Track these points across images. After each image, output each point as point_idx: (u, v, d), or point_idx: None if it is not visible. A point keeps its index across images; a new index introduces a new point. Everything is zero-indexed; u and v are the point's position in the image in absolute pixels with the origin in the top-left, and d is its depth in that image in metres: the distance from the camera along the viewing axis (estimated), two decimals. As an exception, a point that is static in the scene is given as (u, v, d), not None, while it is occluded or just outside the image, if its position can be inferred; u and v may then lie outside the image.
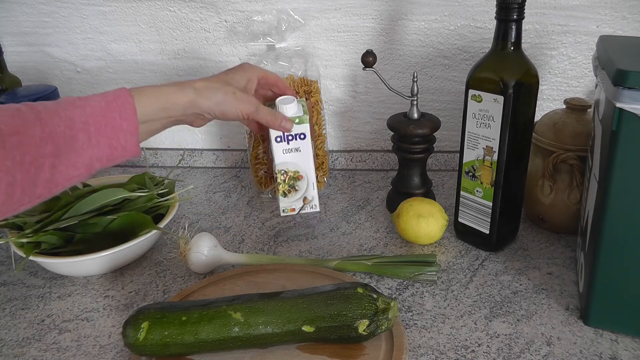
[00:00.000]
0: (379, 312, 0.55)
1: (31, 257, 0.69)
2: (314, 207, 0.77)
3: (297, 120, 0.72)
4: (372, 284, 0.69)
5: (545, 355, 0.57)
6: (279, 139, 0.72)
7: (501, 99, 0.66)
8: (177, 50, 1.01)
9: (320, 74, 0.93)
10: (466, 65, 0.95)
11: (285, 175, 0.75)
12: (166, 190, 0.81)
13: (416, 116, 0.81)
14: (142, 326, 0.55)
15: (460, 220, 0.77)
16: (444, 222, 0.76)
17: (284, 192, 0.76)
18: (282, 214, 0.77)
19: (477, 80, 0.68)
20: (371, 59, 0.79)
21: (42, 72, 1.06)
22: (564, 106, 0.78)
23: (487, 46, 0.69)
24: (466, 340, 0.60)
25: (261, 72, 0.71)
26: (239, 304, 0.56)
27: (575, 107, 0.76)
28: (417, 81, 0.80)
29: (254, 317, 0.55)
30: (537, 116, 0.73)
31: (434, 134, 0.82)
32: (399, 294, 0.68)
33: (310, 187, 0.76)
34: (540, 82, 0.69)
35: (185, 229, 0.80)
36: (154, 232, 0.74)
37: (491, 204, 0.72)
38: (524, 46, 0.68)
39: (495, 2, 0.66)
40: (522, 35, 0.67)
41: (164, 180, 0.84)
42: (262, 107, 0.67)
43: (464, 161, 0.73)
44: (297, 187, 0.76)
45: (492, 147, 0.69)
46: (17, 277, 0.75)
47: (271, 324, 0.55)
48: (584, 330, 0.61)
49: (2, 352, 0.61)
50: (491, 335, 0.60)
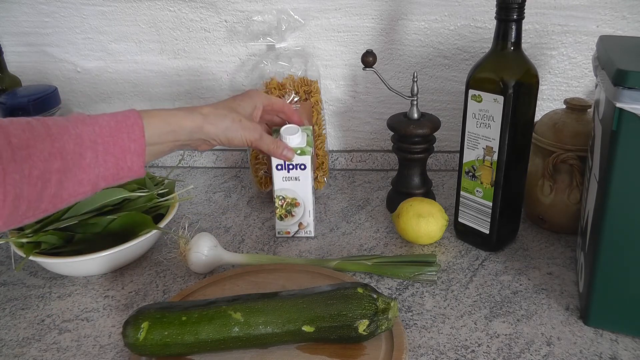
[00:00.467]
0: (379, 312, 0.55)
1: (31, 257, 0.69)
2: (308, 232, 0.81)
3: (298, 151, 0.75)
4: (372, 284, 0.70)
5: (545, 355, 0.57)
6: (279, 167, 0.76)
7: (501, 99, 0.66)
8: (177, 50, 1.01)
9: (320, 74, 0.93)
10: (466, 65, 0.95)
11: (283, 200, 0.78)
12: (166, 190, 0.81)
13: (416, 116, 0.81)
14: (142, 326, 0.55)
15: (460, 220, 0.77)
16: (444, 222, 0.76)
17: (280, 216, 0.80)
18: (277, 235, 0.81)
19: (477, 80, 0.68)
20: (371, 59, 0.79)
21: (42, 72, 1.06)
22: (564, 106, 0.78)
23: (487, 46, 0.69)
24: (466, 340, 0.60)
25: (266, 100, 0.73)
26: (239, 304, 0.56)
27: (575, 107, 0.76)
28: (417, 81, 0.80)
29: (254, 317, 0.55)
30: (537, 116, 0.73)
31: (434, 134, 0.82)
32: (399, 294, 0.68)
33: (306, 214, 0.79)
34: (540, 82, 0.69)
35: (185, 229, 0.80)
36: (154, 232, 0.74)
37: (491, 204, 0.72)
38: (524, 46, 0.68)
39: (495, 2, 0.66)
40: (522, 35, 0.67)
41: (164, 180, 0.84)
42: (265, 136, 0.69)
43: (464, 161, 0.73)
44: (293, 213, 0.79)
45: (492, 147, 0.69)
46: (17, 277, 0.75)
47: (271, 324, 0.55)
48: (584, 330, 0.61)
49: (2, 352, 0.61)
50: (491, 335, 0.60)
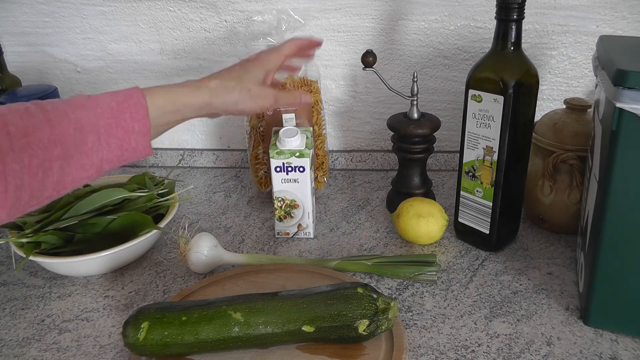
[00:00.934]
0: (379, 312, 0.55)
1: (31, 257, 0.69)
2: (307, 233, 0.81)
3: (297, 153, 0.75)
4: (372, 284, 0.69)
5: (545, 355, 0.57)
6: (278, 169, 0.76)
7: (501, 99, 0.66)
8: (177, 50, 1.01)
9: (320, 74, 0.93)
10: (466, 65, 0.95)
11: (282, 202, 0.78)
12: (166, 190, 0.81)
13: (416, 116, 0.81)
14: (142, 326, 0.55)
15: (460, 220, 0.77)
16: (444, 222, 0.76)
17: (279, 217, 0.80)
18: (277, 235, 0.81)
19: (477, 80, 0.68)
20: (371, 59, 0.79)
21: (42, 72, 1.06)
22: (564, 106, 0.78)
23: (487, 46, 0.69)
24: (466, 340, 0.60)
25: (278, 61, 0.67)
26: (239, 304, 0.56)
27: (575, 107, 0.76)
28: (417, 81, 0.80)
29: (254, 317, 0.55)
30: (537, 116, 0.73)
31: (434, 134, 0.82)
32: (399, 294, 0.68)
33: (305, 215, 0.79)
34: (540, 82, 0.69)
35: (185, 229, 0.80)
36: (154, 232, 0.74)
37: (491, 204, 0.72)
38: (524, 46, 0.68)
39: (495, 2, 0.66)
40: (522, 35, 0.67)
41: (164, 180, 0.84)
42: (279, 97, 0.65)
43: (464, 161, 0.73)
44: (292, 215, 0.79)
45: (492, 147, 0.69)
46: (17, 277, 0.75)
47: (271, 324, 0.55)
48: (584, 330, 0.61)
49: (2, 352, 0.61)
50: (491, 335, 0.60)
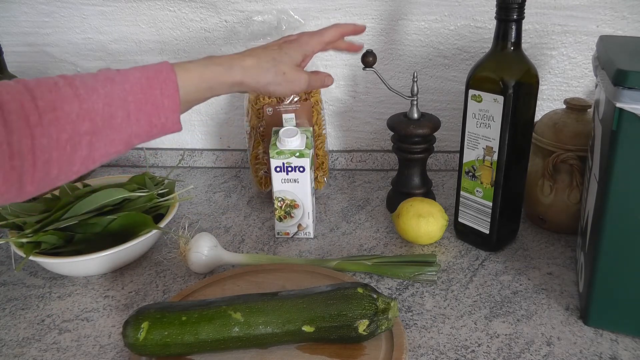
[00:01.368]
0: (379, 312, 0.55)
1: (31, 257, 0.69)
2: (307, 233, 0.81)
3: (297, 153, 0.75)
4: (372, 284, 0.70)
5: (545, 355, 0.57)
6: (278, 169, 0.76)
7: (501, 99, 0.66)
8: (177, 50, 1.01)
9: (320, 74, 0.93)
10: (466, 65, 0.95)
11: (282, 202, 0.78)
12: (166, 190, 0.81)
13: (416, 116, 0.81)
14: (142, 326, 0.55)
15: (460, 220, 0.77)
16: (444, 222, 0.76)
17: (279, 217, 0.80)
18: (277, 235, 0.81)
19: (477, 80, 0.68)
20: (371, 59, 0.79)
21: (42, 72, 1.06)
22: (564, 106, 0.78)
23: (487, 46, 0.69)
24: (466, 340, 0.60)
25: (319, 46, 0.65)
26: (239, 304, 0.56)
27: (575, 107, 0.76)
28: (417, 81, 0.80)
29: (254, 317, 0.55)
30: (537, 116, 0.73)
31: (434, 134, 0.82)
32: (399, 294, 0.68)
33: (305, 215, 0.79)
34: (540, 82, 0.69)
35: (185, 229, 0.80)
36: (154, 232, 0.74)
37: (491, 204, 0.72)
38: (524, 46, 0.68)
39: (495, 2, 0.66)
40: (522, 35, 0.67)
41: (164, 180, 0.84)
42: (311, 81, 0.64)
43: (464, 161, 0.73)
44: (292, 214, 0.79)
45: (492, 147, 0.69)
46: (17, 277, 0.75)
47: (271, 324, 0.55)
48: (584, 330, 0.61)
49: (2, 352, 0.61)
50: (491, 335, 0.60)
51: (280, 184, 0.77)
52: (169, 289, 0.71)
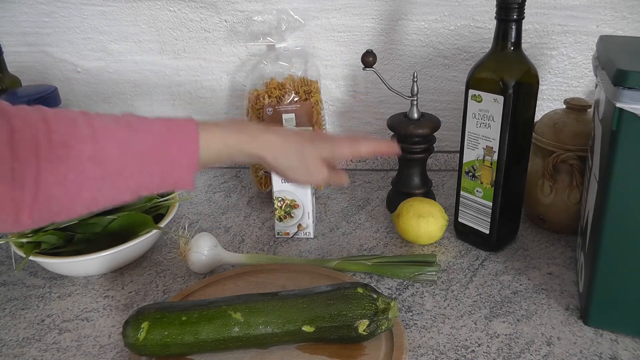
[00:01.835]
0: (379, 312, 0.55)
1: (31, 257, 0.69)
2: (307, 234, 0.81)
3: None
4: (372, 284, 0.69)
5: (545, 355, 0.57)
6: None
7: (501, 99, 0.66)
8: (177, 50, 1.01)
9: (320, 74, 0.93)
10: (466, 65, 0.95)
11: (282, 202, 0.78)
12: (166, 190, 0.81)
13: (416, 116, 0.81)
14: (142, 326, 0.55)
15: (460, 220, 0.77)
16: (444, 222, 0.76)
17: (279, 217, 0.80)
18: (277, 235, 0.81)
19: (477, 80, 0.68)
20: (371, 59, 0.79)
21: (42, 72, 1.06)
22: (564, 106, 0.78)
23: (487, 46, 0.69)
24: (466, 340, 0.60)
25: (350, 157, 0.63)
26: (239, 304, 0.56)
27: (575, 107, 0.76)
28: (417, 81, 0.80)
29: (254, 317, 0.55)
30: (537, 116, 0.73)
31: (434, 134, 0.82)
32: (399, 294, 0.68)
33: (305, 215, 0.79)
34: (540, 82, 0.69)
35: (185, 229, 0.80)
36: (154, 232, 0.74)
37: (491, 204, 0.72)
38: (524, 46, 0.68)
39: (495, 2, 0.66)
40: (522, 35, 0.67)
41: (164, 180, 0.83)
42: (330, 176, 0.61)
43: (464, 161, 0.73)
44: (292, 214, 0.79)
45: (492, 147, 0.69)
46: (17, 277, 0.75)
47: (271, 324, 0.55)
48: (584, 330, 0.61)
49: (2, 352, 0.61)
50: (491, 335, 0.60)
51: (280, 184, 0.77)
52: (169, 289, 0.71)
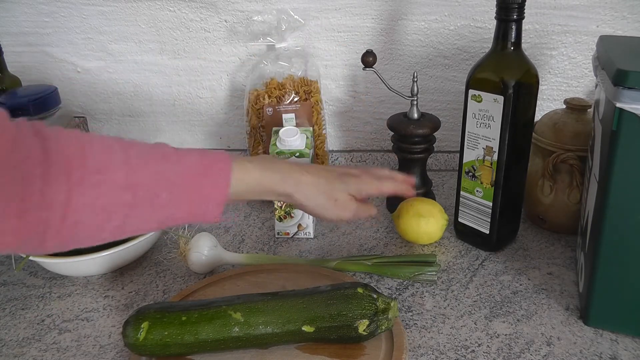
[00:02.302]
0: (379, 312, 0.55)
1: (31, 257, 0.69)
2: (307, 233, 0.81)
3: (297, 153, 0.75)
4: (372, 284, 0.69)
5: (545, 355, 0.57)
6: None
7: (501, 99, 0.66)
8: (177, 50, 1.01)
9: (320, 74, 0.93)
10: (466, 65, 0.95)
11: (282, 202, 0.77)
12: (166, 190, 0.81)
13: (416, 116, 0.81)
14: (142, 326, 0.55)
15: (460, 220, 0.77)
16: (444, 222, 0.76)
17: (279, 217, 0.79)
18: (277, 235, 0.81)
19: (477, 80, 0.68)
20: (371, 59, 0.79)
21: (42, 72, 1.06)
22: (564, 106, 0.78)
23: (487, 46, 0.69)
24: (466, 340, 0.60)
25: (375, 194, 0.63)
26: (239, 304, 0.56)
27: (575, 107, 0.76)
28: (417, 81, 0.80)
29: (254, 317, 0.55)
30: (537, 116, 0.73)
31: (434, 134, 0.82)
32: (399, 294, 0.68)
33: (305, 215, 0.79)
34: (540, 82, 0.69)
35: (185, 228, 0.80)
36: (154, 232, 0.74)
37: (491, 204, 0.72)
38: (524, 46, 0.68)
39: (495, 2, 0.66)
40: (522, 35, 0.67)
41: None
42: (359, 210, 0.61)
43: (464, 161, 0.73)
44: (292, 214, 0.79)
45: (492, 147, 0.69)
46: (17, 277, 0.75)
47: (271, 324, 0.55)
48: (584, 330, 0.61)
49: (2, 352, 0.61)
50: (491, 335, 0.60)
51: None
52: (169, 289, 0.71)
